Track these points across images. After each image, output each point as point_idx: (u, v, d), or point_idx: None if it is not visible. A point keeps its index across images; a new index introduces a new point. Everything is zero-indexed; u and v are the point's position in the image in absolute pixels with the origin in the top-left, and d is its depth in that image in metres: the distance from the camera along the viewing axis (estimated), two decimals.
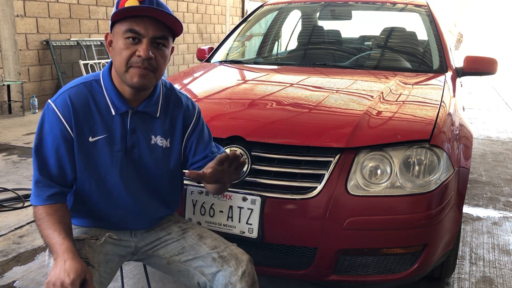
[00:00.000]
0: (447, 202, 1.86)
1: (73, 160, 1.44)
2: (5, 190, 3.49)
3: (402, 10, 3.51)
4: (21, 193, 3.38)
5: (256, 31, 4.14)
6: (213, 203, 1.86)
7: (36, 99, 6.49)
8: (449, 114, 2.13)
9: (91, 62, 7.23)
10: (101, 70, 1.51)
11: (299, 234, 1.80)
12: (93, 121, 1.44)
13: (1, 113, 6.42)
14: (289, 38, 4.11)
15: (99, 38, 7.73)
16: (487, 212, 3.35)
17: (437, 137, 1.87)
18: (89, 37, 7.63)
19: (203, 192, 1.87)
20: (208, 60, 3.32)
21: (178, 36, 1.50)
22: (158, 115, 1.53)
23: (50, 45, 6.77)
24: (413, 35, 3.36)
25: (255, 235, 1.81)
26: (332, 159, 1.80)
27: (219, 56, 3.35)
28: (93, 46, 7.49)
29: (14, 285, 2.29)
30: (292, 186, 1.80)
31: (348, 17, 3.66)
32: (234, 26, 3.70)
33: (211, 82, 2.76)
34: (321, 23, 3.84)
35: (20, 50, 6.47)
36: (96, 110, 1.45)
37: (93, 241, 1.48)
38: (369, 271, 1.84)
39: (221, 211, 1.85)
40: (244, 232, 1.82)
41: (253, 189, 1.82)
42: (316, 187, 1.78)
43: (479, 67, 2.94)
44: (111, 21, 1.41)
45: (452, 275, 2.44)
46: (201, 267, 1.51)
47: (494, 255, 2.70)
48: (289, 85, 2.57)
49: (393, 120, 1.99)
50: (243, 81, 2.80)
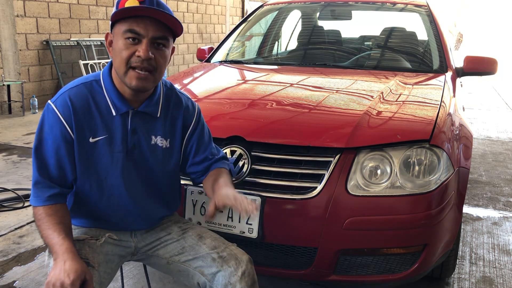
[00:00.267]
0: (447, 202, 1.86)
1: (73, 161, 1.43)
2: (5, 190, 3.49)
3: (402, 10, 3.51)
4: (21, 193, 3.38)
5: (256, 31, 4.13)
6: None
7: (36, 99, 6.49)
8: (449, 114, 2.13)
9: (91, 62, 7.23)
10: (101, 70, 1.50)
11: (299, 234, 1.80)
12: (94, 121, 1.44)
13: (1, 113, 6.42)
14: (289, 38, 4.11)
15: (99, 38, 7.73)
16: (487, 212, 3.35)
17: (437, 137, 1.87)
18: (89, 37, 7.63)
19: (203, 192, 1.86)
20: (208, 60, 3.32)
21: (179, 37, 1.50)
22: (158, 115, 1.52)
23: (50, 45, 6.77)
24: (413, 35, 3.36)
25: (255, 235, 1.81)
26: (332, 159, 1.80)
27: (219, 56, 3.34)
28: (93, 46, 7.49)
29: (14, 285, 2.29)
30: (292, 186, 1.80)
31: (348, 17, 3.66)
32: (234, 26, 3.70)
33: (211, 82, 2.76)
34: (321, 23, 3.83)
35: (20, 50, 6.47)
36: (96, 110, 1.44)
37: (93, 241, 1.47)
38: (369, 271, 1.84)
39: (221, 211, 1.84)
40: (244, 232, 1.82)
41: (253, 189, 1.82)
42: (316, 187, 1.78)
43: (479, 67, 2.94)
44: (111, 21, 1.41)
45: (452, 275, 2.44)
46: (201, 267, 1.51)
47: (494, 255, 2.70)
48: (289, 85, 2.57)
49: (393, 120, 1.99)
50: (243, 81, 2.80)
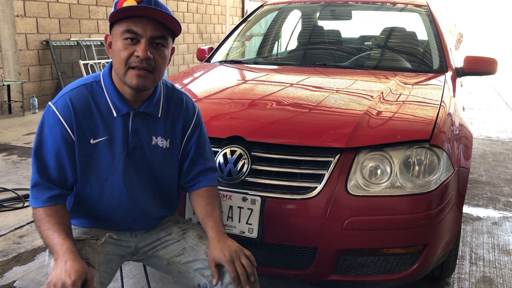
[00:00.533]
0: (447, 202, 1.86)
1: (73, 162, 1.43)
2: (5, 190, 3.49)
3: (402, 10, 3.51)
4: (21, 193, 3.38)
5: (256, 31, 4.13)
6: None
7: (36, 99, 6.49)
8: (449, 114, 2.13)
9: (91, 62, 7.23)
10: (101, 71, 1.50)
11: (299, 234, 1.80)
12: (94, 123, 1.43)
13: (1, 113, 6.42)
14: (289, 38, 4.11)
15: (99, 38, 7.73)
16: (487, 212, 3.35)
17: (437, 137, 1.87)
18: (89, 37, 7.62)
19: None
20: (208, 60, 3.32)
21: (177, 36, 1.50)
22: (159, 115, 1.52)
23: (50, 45, 6.77)
24: (413, 35, 3.35)
25: (255, 235, 1.81)
26: (332, 159, 1.80)
27: (219, 56, 3.34)
28: (93, 46, 7.49)
29: (14, 285, 2.29)
30: (292, 186, 1.80)
31: (348, 17, 3.66)
32: (234, 26, 3.69)
33: (211, 82, 2.76)
34: (321, 23, 3.83)
35: (20, 50, 6.47)
36: (97, 111, 1.44)
37: (93, 241, 1.47)
38: (369, 271, 1.83)
39: (221, 211, 1.85)
40: (244, 232, 1.82)
41: (253, 189, 1.82)
42: (316, 187, 1.78)
43: (479, 67, 2.94)
44: (109, 22, 1.41)
45: (452, 275, 2.44)
46: (201, 269, 1.51)
47: (494, 255, 2.70)
48: (289, 85, 2.57)
49: (393, 120, 1.99)
50: (243, 81, 2.80)
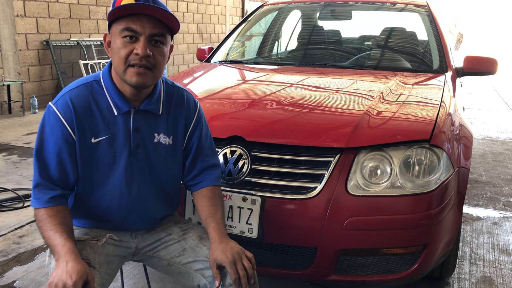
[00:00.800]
0: (447, 202, 1.86)
1: (75, 162, 1.43)
2: (5, 190, 3.49)
3: (402, 10, 3.51)
4: (21, 193, 3.38)
5: (256, 31, 4.14)
6: None
7: (36, 99, 6.49)
8: (449, 114, 2.13)
9: (91, 62, 7.23)
10: (101, 71, 1.50)
11: (299, 234, 1.80)
12: (95, 122, 1.44)
13: (1, 113, 6.42)
14: (289, 38, 4.11)
15: (99, 38, 7.73)
16: (487, 212, 3.35)
17: (437, 137, 1.87)
18: (89, 37, 7.63)
19: None
20: (208, 60, 3.32)
21: (176, 34, 1.50)
22: (160, 112, 1.52)
23: (50, 45, 6.77)
24: (413, 35, 3.35)
25: (255, 235, 1.81)
26: (332, 159, 1.80)
27: (219, 56, 3.34)
28: (93, 46, 7.49)
29: (14, 285, 2.29)
30: (292, 186, 1.80)
31: (348, 17, 3.66)
32: (234, 26, 3.69)
33: (211, 82, 2.76)
34: (321, 23, 3.83)
35: (20, 50, 6.47)
36: (97, 111, 1.44)
37: (94, 242, 1.47)
38: (369, 271, 1.83)
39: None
40: (244, 232, 1.82)
41: (253, 189, 1.82)
42: (316, 187, 1.78)
43: (479, 67, 2.94)
44: (108, 21, 1.41)
45: (452, 275, 2.44)
46: (201, 270, 1.51)
47: (494, 255, 2.70)
48: (289, 85, 2.57)
49: (393, 120, 1.99)
50: (243, 81, 2.80)
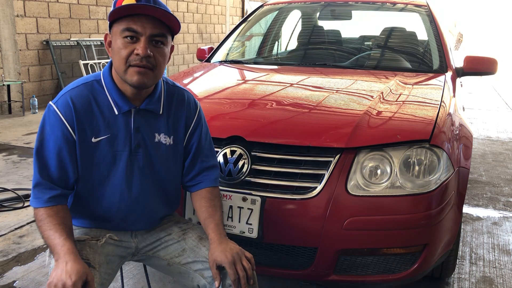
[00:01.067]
0: (447, 202, 1.86)
1: (75, 161, 1.43)
2: (5, 190, 3.49)
3: (402, 10, 3.51)
4: (21, 193, 3.38)
5: (256, 31, 4.14)
6: None
7: (36, 99, 6.49)
8: (449, 114, 2.13)
9: (91, 62, 7.23)
10: (101, 70, 1.51)
11: (299, 234, 1.80)
12: (96, 121, 1.44)
13: (1, 113, 6.42)
14: (289, 38, 4.11)
15: (99, 38, 7.73)
16: (487, 212, 3.35)
17: (437, 137, 1.87)
18: (89, 37, 7.63)
19: None
20: (208, 60, 3.32)
21: (177, 34, 1.50)
22: (161, 112, 1.53)
23: (50, 45, 6.77)
24: (413, 35, 3.35)
25: (255, 235, 1.81)
26: (332, 159, 1.80)
27: (219, 56, 3.34)
28: (93, 46, 7.49)
29: (14, 285, 2.29)
30: (292, 186, 1.80)
31: (348, 17, 3.66)
32: (234, 26, 3.69)
33: (211, 82, 2.76)
34: (321, 23, 3.83)
35: (20, 50, 6.47)
36: (98, 110, 1.44)
37: (93, 242, 1.47)
38: (369, 271, 1.83)
39: (222, 213, 1.85)
40: (244, 232, 1.82)
41: (253, 189, 1.82)
42: (316, 187, 1.78)
43: (479, 67, 2.94)
44: (109, 21, 1.41)
45: (452, 275, 2.44)
46: (201, 270, 1.51)
47: (494, 255, 2.70)
48: (289, 85, 2.57)
49: (393, 120, 1.99)
50: (243, 81, 2.80)
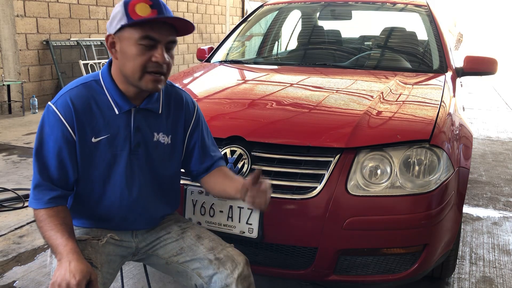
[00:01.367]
0: (447, 202, 1.86)
1: (75, 162, 1.43)
2: (5, 190, 3.49)
3: (402, 10, 3.51)
4: (21, 193, 3.38)
5: (256, 31, 4.14)
6: (213, 203, 1.86)
7: (36, 99, 6.49)
8: (449, 114, 2.13)
9: (91, 62, 7.23)
10: (99, 70, 1.51)
11: (299, 234, 1.80)
12: (96, 121, 1.44)
13: (1, 113, 6.42)
14: (289, 38, 4.11)
15: (99, 38, 7.73)
16: (487, 212, 3.35)
17: (437, 137, 1.87)
18: (89, 37, 7.63)
19: (203, 192, 1.87)
20: (208, 60, 3.32)
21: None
22: (160, 112, 1.53)
23: (50, 45, 6.77)
24: (413, 35, 3.35)
25: (255, 235, 1.81)
26: (332, 159, 1.80)
27: (219, 56, 3.34)
28: (93, 46, 7.49)
29: (14, 285, 2.29)
30: (292, 186, 1.80)
31: (348, 17, 3.66)
32: (234, 26, 3.69)
33: (211, 82, 2.76)
34: (321, 23, 3.83)
35: (20, 50, 6.47)
36: (98, 110, 1.44)
37: (95, 241, 1.47)
38: (369, 271, 1.84)
39: (221, 211, 1.85)
40: (244, 232, 1.82)
41: None
42: (316, 187, 1.78)
43: (479, 67, 2.94)
44: (120, 26, 1.37)
45: (452, 275, 2.44)
46: (198, 269, 1.51)
47: (494, 255, 2.70)
48: (289, 85, 2.57)
49: (393, 120, 1.99)
50: (243, 81, 2.80)
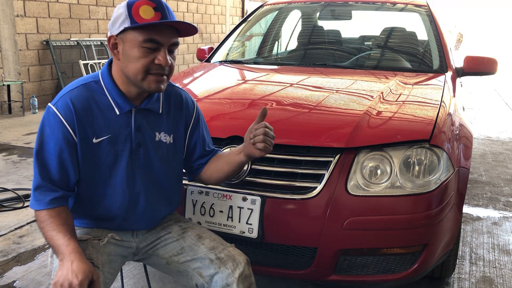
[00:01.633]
0: (447, 202, 1.86)
1: (76, 163, 1.43)
2: (5, 190, 3.49)
3: (402, 10, 3.51)
4: (21, 193, 3.38)
5: (256, 31, 4.14)
6: (213, 203, 1.86)
7: (36, 99, 6.49)
8: (449, 114, 2.13)
9: (91, 62, 7.23)
10: (99, 71, 1.50)
11: (299, 234, 1.80)
12: (96, 122, 1.44)
13: (1, 113, 6.42)
14: (289, 38, 4.11)
15: (99, 38, 7.73)
16: (487, 212, 3.35)
17: (437, 137, 1.87)
18: (89, 37, 7.63)
19: (203, 192, 1.87)
20: (208, 60, 3.32)
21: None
22: (160, 111, 1.53)
23: (50, 45, 6.77)
24: (413, 35, 3.36)
25: (255, 235, 1.81)
26: (332, 159, 1.80)
27: (219, 56, 3.34)
28: (93, 46, 7.49)
29: (14, 285, 2.29)
30: (292, 186, 1.80)
31: (348, 17, 3.66)
32: (234, 26, 3.70)
33: (211, 82, 2.76)
34: (321, 23, 3.83)
35: (20, 50, 6.47)
36: (98, 111, 1.44)
37: (96, 241, 1.47)
38: (369, 271, 1.84)
39: (221, 211, 1.85)
40: (244, 232, 1.82)
41: (253, 189, 1.82)
42: (316, 187, 1.78)
43: (479, 67, 2.94)
44: (123, 28, 1.37)
45: (452, 275, 2.44)
46: (199, 269, 1.51)
47: (494, 255, 2.70)
48: (289, 85, 2.57)
49: (393, 120, 1.99)
50: (243, 81, 2.80)
